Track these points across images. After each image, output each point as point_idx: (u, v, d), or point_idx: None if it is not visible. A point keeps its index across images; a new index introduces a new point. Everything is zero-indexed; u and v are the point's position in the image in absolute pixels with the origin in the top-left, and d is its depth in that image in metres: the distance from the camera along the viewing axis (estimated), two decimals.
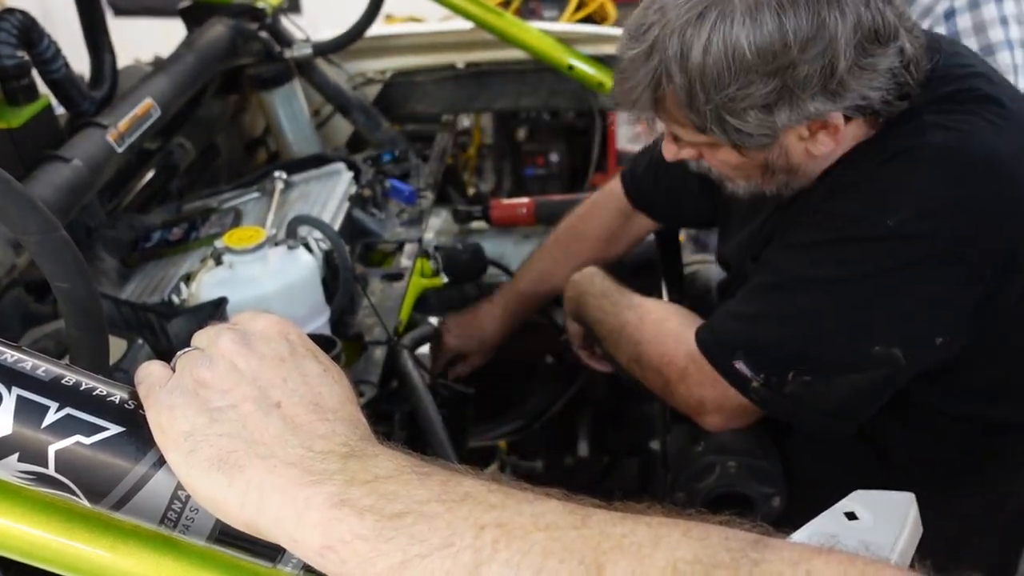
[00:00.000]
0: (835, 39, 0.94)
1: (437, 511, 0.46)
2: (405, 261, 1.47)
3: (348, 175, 1.61)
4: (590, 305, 1.36)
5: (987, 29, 1.75)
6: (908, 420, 1.16)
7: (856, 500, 0.52)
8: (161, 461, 0.52)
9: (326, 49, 1.89)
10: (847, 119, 1.03)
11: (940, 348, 1.04)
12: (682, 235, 1.75)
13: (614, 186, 1.56)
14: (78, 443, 0.50)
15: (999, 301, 1.03)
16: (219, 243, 1.19)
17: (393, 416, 1.28)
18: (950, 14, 1.77)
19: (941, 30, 1.72)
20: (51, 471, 0.51)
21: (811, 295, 1.07)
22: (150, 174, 1.65)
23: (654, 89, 1.02)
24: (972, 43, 1.72)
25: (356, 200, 1.55)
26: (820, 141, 1.04)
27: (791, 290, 1.09)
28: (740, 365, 1.09)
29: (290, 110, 1.90)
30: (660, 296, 1.50)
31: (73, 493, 0.51)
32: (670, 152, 1.14)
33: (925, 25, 1.71)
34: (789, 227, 1.14)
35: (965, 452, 1.18)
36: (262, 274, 1.18)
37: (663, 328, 1.22)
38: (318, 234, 1.28)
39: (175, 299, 1.22)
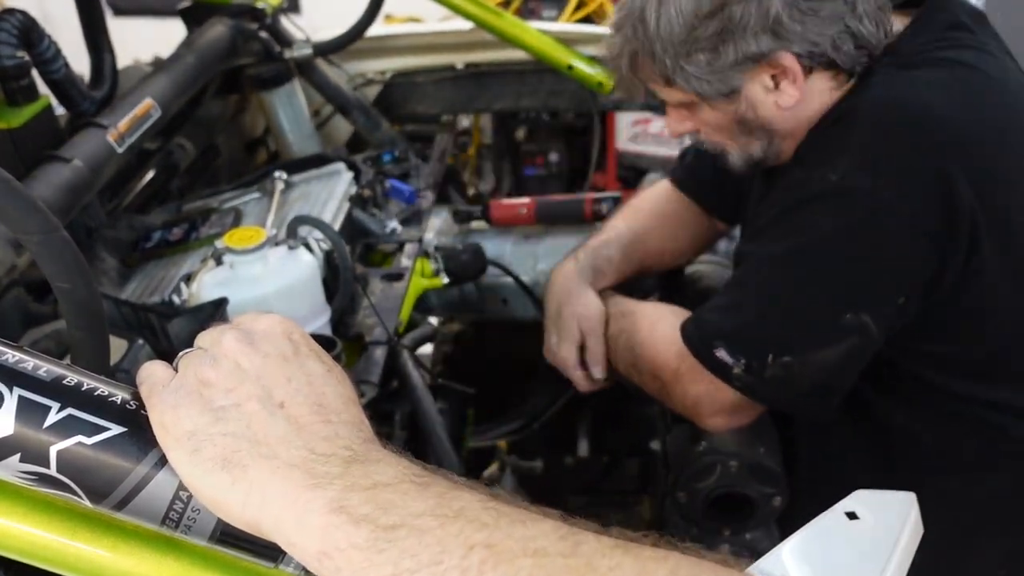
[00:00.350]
0: None
1: (430, 526, 0.46)
2: (405, 261, 1.47)
3: (348, 175, 1.61)
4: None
5: None
6: (912, 405, 1.17)
7: (857, 500, 0.52)
8: (163, 461, 0.52)
9: (326, 49, 1.89)
10: (808, 70, 1.08)
11: (903, 309, 1.06)
12: None
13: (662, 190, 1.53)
14: (80, 443, 0.50)
15: (962, 265, 1.04)
16: (219, 243, 1.19)
17: (393, 416, 1.29)
18: None
19: None
20: (53, 471, 0.51)
21: (775, 272, 1.10)
22: (150, 174, 1.65)
23: (628, 48, 1.15)
24: None
25: (356, 200, 1.55)
26: (785, 91, 1.10)
27: (759, 273, 1.12)
28: (721, 353, 1.10)
29: (290, 110, 1.90)
30: (659, 296, 1.50)
31: (75, 493, 0.51)
32: (673, 125, 1.22)
33: None
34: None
35: (971, 436, 1.18)
36: (262, 274, 1.18)
37: (655, 332, 1.23)
38: (318, 234, 1.28)
39: (175, 299, 1.22)
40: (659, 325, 1.23)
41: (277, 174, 1.58)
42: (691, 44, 1.08)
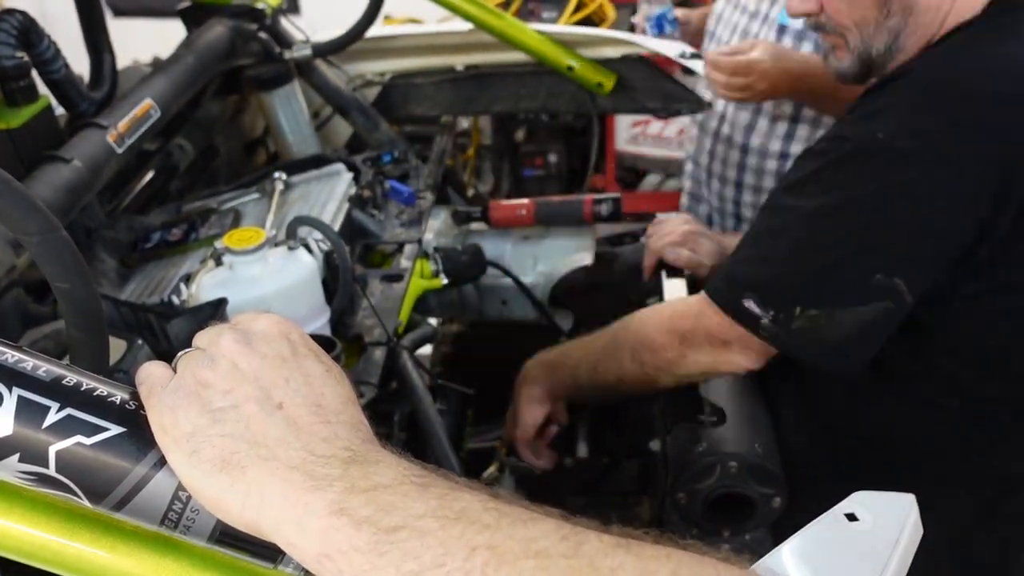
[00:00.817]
0: None
1: (431, 527, 0.46)
2: (405, 262, 1.47)
3: (348, 176, 1.61)
4: (564, 361, 1.37)
5: None
6: (912, 407, 1.17)
7: (856, 501, 0.52)
8: (162, 462, 0.52)
9: (325, 50, 1.89)
10: None
11: (933, 273, 1.05)
12: None
13: None
14: (79, 443, 0.50)
15: (1002, 240, 1.03)
16: (219, 244, 1.19)
17: (392, 417, 1.29)
18: None
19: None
20: (52, 471, 0.51)
21: (811, 225, 1.09)
22: (150, 175, 1.65)
23: None
24: None
25: (356, 201, 1.55)
26: None
27: (792, 224, 1.11)
28: (749, 304, 1.11)
29: (290, 111, 1.90)
30: (661, 295, 1.50)
31: (74, 494, 0.51)
32: (794, 3, 1.18)
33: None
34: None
35: (967, 436, 1.18)
36: (262, 275, 1.18)
37: (660, 307, 1.26)
38: (318, 235, 1.28)
39: (175, 300, 1.22)
40: (659, 307, 1.26)
41: (276, 175, 1.58)
42: None
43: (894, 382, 1.16)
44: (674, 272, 1.51)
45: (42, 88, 1.31)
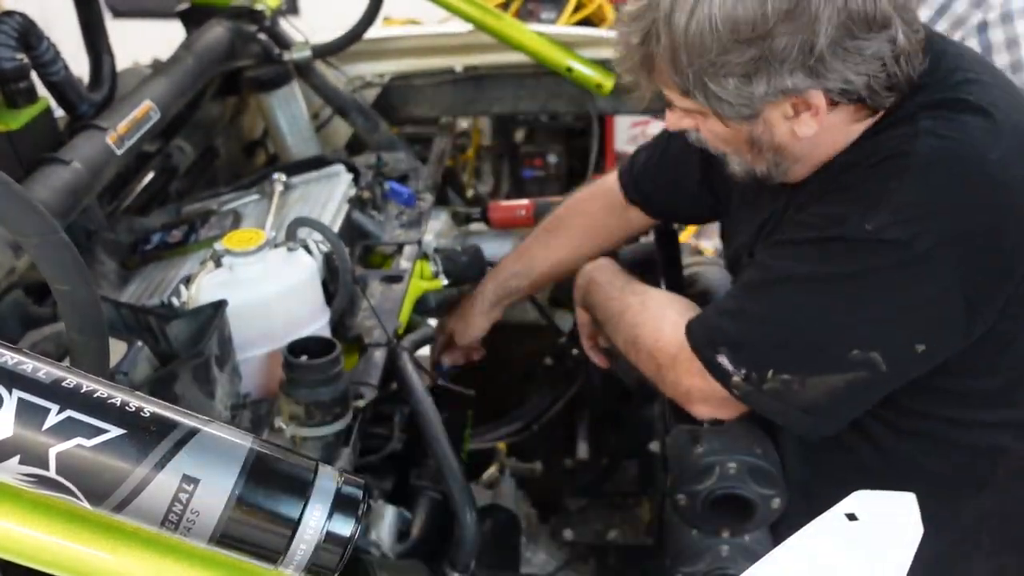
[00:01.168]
0: (816, 17, 0.96)
1: None
2: (404, 263, 1.47)
3: (347, 177, 1.61)
4: (595, 292, 1.39)
5: (1020, 44, 1.77)
6: (910, 432, 1.16)
7: (857, 501, 0.52)
8: (162, 462, 0.52)
9: (325, 51, 1.90)
10: (832, 104, 1.03)
11: (923, 357, 1.04)
12: (683, 236, 1.75)
13: (607, 180, 1.57)
14: (79, 445, 0.50)
15: (993, 309, 1.03)
16: (219, 245, 1.19)
17: (393, 418, 1.29)
18: (983, 27, 1.78)
19: (973, 43, 1.74)
20: (52, 473, 0.51)
21: (793, 293, 1.09)
22: (149, 176, 1.65)
23: (644, 48, 1.06)
24: (1003, 58, 1.74)
25: (355, 202, 1.55)
26: (804, 122, 1.05)
27: (775, 288, 1.11)
28: (723, 359, 1.11)
29: (289, 112, 1.90)
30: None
31: (74, 496, 0.51)
32: (671, 120, 1.16)
33: (957, 36, 1.73)
34: (782, 225, 1.15)
35: (968, 457, 1.18)
36: (262, 276, 1.18)
37: (663, 314, 1.24)
38: (318, 236, 1.28)
39: (175, 301, 1.22)
40: (667, 310, 1.24)
41: (276, 176, 1.58)
42: (721, 66, 0.99)
43: (891, 417, 1.16)
44: None
45: (41, 90, 1.32)
